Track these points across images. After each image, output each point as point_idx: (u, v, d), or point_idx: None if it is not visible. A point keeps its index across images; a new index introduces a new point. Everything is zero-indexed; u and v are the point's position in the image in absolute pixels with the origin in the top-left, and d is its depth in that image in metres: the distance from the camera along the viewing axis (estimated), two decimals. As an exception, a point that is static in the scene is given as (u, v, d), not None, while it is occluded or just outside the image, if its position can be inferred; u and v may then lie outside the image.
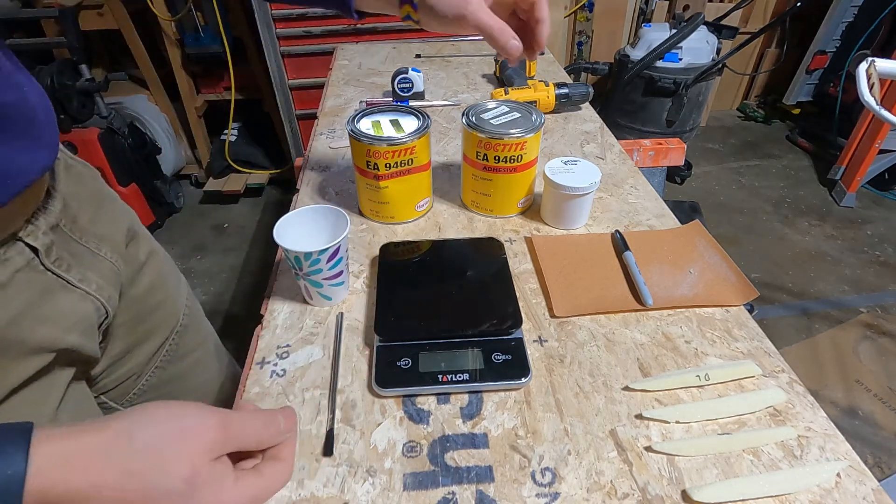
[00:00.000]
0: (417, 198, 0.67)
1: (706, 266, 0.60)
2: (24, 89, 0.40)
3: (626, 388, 0.47)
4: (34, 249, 0.41)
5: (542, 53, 0.48)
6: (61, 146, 0.48)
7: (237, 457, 0.35)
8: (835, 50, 2.55)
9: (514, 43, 0.48)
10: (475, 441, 0.43)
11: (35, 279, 0.41)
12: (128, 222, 0.56)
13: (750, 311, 0.55)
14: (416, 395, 0.47)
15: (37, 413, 0.42)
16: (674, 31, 1.90)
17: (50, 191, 0.45)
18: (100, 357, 0.49)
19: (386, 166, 0.61)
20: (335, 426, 0.44)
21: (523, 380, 0.47)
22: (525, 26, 0.51)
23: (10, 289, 0.39)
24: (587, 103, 0.99)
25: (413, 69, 0.98)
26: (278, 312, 0.55)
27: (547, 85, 0.94)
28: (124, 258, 0.53)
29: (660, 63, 1.91)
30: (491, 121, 0.65)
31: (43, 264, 0.42)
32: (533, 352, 0.50)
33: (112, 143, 1.84)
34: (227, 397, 0.70)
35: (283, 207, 2.14)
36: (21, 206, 0.40)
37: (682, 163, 1.46)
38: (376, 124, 0.64)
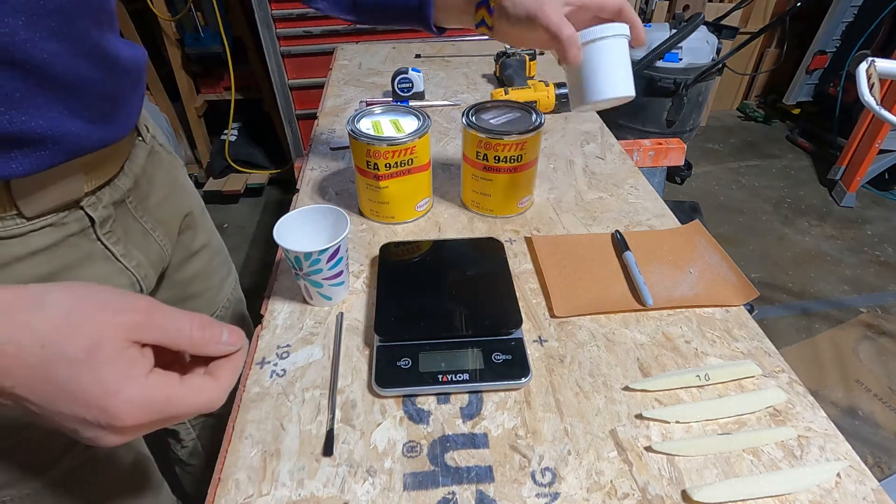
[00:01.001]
0: (417, 198, 0.67)
1: (706, 266, 0.60)
2: (118, 79, 0.42)
3: (626, 388, 0.47)
4: (92, 220, 0.44)
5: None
6: (156, 133, 0.54)
7: (185, 367, 0.32)
8: (835, 50, 2.55)
9: (576, 53, 0.49)
10: (475, 441, 0.43)
11: (84, 245, 0.44)
12: (188, 210, 0.59)
13: (750, 311, 0.55)
14: (416, 395, 0.47)
15: None
16: (674, 31, 1.90)
17: (124, 168, 0.48)
18: None
19: (386, 166, 0.61)
20: (335, 426, 0.44)
21: (523, 380, 0.47)
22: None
23: (59, 249, 0.42)
24: (587, 103, 0.99)
25: (413, 69, 0.98)
26: (278, 312, 0.55)
27: (547, 85, 0.94)
28: (175, 244, 0.56)
29: (660, 63, 1.90)
30: (491, 121, 0.65)
31: (96, 233, 0.44)
32: (533, 352, 0.50)
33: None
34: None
35: (283, 207, 2.13)
36: (81, 175, 0.42)
37: (682, 163, 1.46)
38: (376, 124, 0.64)
